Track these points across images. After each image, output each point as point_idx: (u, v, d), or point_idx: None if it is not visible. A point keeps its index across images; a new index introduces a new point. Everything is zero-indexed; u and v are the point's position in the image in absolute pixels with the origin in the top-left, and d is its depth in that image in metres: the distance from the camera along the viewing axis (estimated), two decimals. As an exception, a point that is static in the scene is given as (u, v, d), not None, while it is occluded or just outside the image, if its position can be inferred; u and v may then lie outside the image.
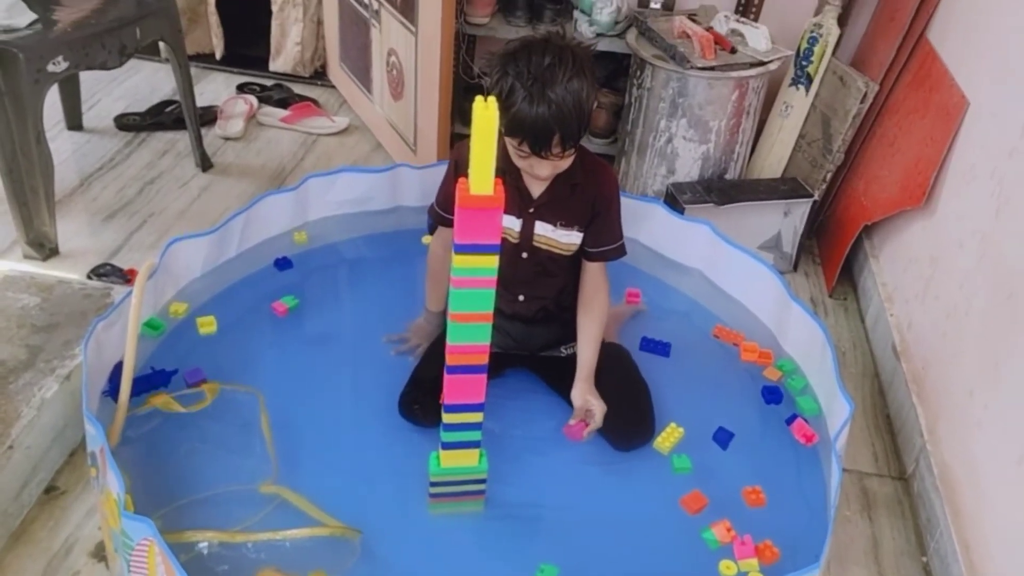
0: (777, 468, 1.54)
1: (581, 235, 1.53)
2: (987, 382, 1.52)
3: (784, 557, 1.37)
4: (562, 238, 1.52)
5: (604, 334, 1.64)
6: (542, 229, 1.51)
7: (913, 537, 1.61)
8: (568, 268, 1.58)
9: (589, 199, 1.50)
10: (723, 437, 1.58)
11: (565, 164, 1.41)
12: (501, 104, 1.32)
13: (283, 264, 1.89)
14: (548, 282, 1.58)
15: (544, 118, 1.28)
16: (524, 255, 1.53)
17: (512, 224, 1.51)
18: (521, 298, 1.59)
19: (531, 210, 1.50)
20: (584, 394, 1.53)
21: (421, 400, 1.52)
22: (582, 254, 1.56)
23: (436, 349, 1.62)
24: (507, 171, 1.48)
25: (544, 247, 1.53)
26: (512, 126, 1.32)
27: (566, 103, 1.28)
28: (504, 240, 1.52)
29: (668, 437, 1.55)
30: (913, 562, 1.57)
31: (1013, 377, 1.44)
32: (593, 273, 1.58)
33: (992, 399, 1.49)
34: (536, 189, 1.49)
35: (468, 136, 1.11)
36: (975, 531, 1.46)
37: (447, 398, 1.28)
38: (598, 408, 1.51)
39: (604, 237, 1.54)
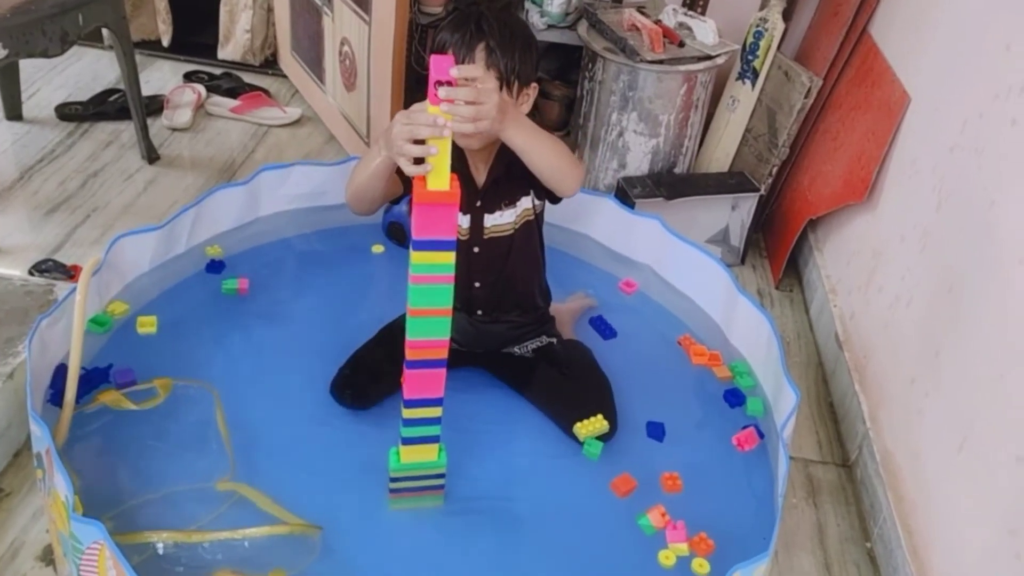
0: (721, 459, 1.57)
1: (530, 195, 1.51)
2: (928, 372, 1.57)
3: (727, 546, 1.39)
4: (512, 216, 1.52)
5: (562, 331, 1.67)
6: (490, 221, 1.51)
7: (857, 523, 1.66)
8: (522, 242, 1.54)
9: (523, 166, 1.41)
10: (656, 430, 1.59)
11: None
12: (436, 32, 1.42)
13: (215, 267, 1.84)
14: (500, 263, 1.56)
15: (467, 16, 1.37)
16: (476, 250, 1.53)
17: (460, 221, 1.50)
18: (478, 284, 1.58)
19: (478, 204, 1.50)
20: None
21: (355, 383, 1.53)
22: (548, 199, 1.50)
23: (384, 334, 1.62)
24: (454, 157, 1.47)
25: (497, 235, 1.53)
26: (439, 36, 1.39)
27: (491, 13, 1.38)
28: None
29: (589, 425, 1.54)
30: (858, 548, 1.61)
31: (953, 367, 1.49)
32: None
33: (933, 388, 1.54)
34: (480, 173, 1.49)
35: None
36: (917, 517, 1.50)
37: (407, 393, 1.29)
38: (484, 87, 1.23)
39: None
